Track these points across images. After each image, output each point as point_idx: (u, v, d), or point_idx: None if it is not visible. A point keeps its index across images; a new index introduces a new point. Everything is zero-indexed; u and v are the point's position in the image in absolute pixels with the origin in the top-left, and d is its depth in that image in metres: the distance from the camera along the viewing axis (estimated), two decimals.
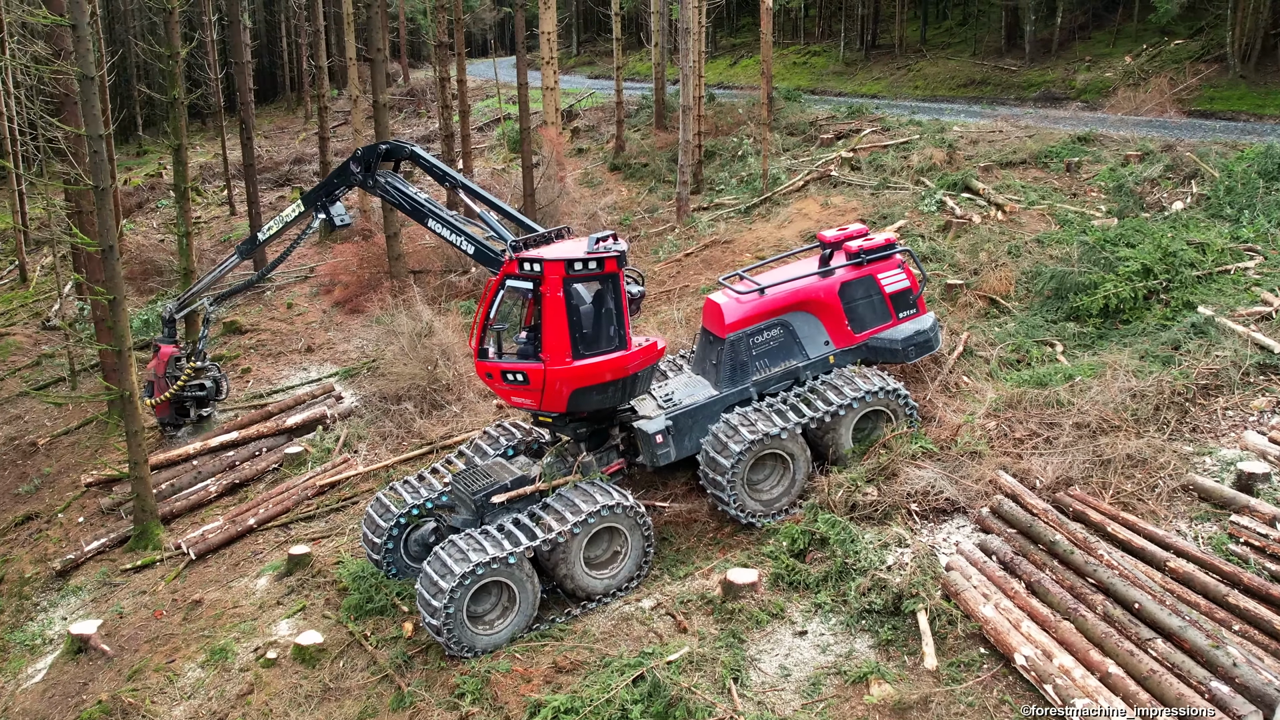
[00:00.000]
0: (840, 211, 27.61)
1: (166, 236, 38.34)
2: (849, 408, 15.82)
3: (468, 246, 16.29)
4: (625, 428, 16.29)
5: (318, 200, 18.77)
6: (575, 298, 14.65)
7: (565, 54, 76.61)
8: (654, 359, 15.48)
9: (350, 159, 18.08)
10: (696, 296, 23.99)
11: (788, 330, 16.51)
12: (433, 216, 16.77)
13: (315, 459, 20.97)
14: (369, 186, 17.77)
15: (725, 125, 37.70)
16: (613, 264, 14.64)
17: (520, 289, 14.77)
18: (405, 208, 17.26)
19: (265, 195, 42.60)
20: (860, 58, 51.56)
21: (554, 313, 14.52)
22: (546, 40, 28.47)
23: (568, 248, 14.99)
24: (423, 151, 17.91)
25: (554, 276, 14.43)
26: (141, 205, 43.67)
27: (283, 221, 19.86)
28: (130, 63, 65.71)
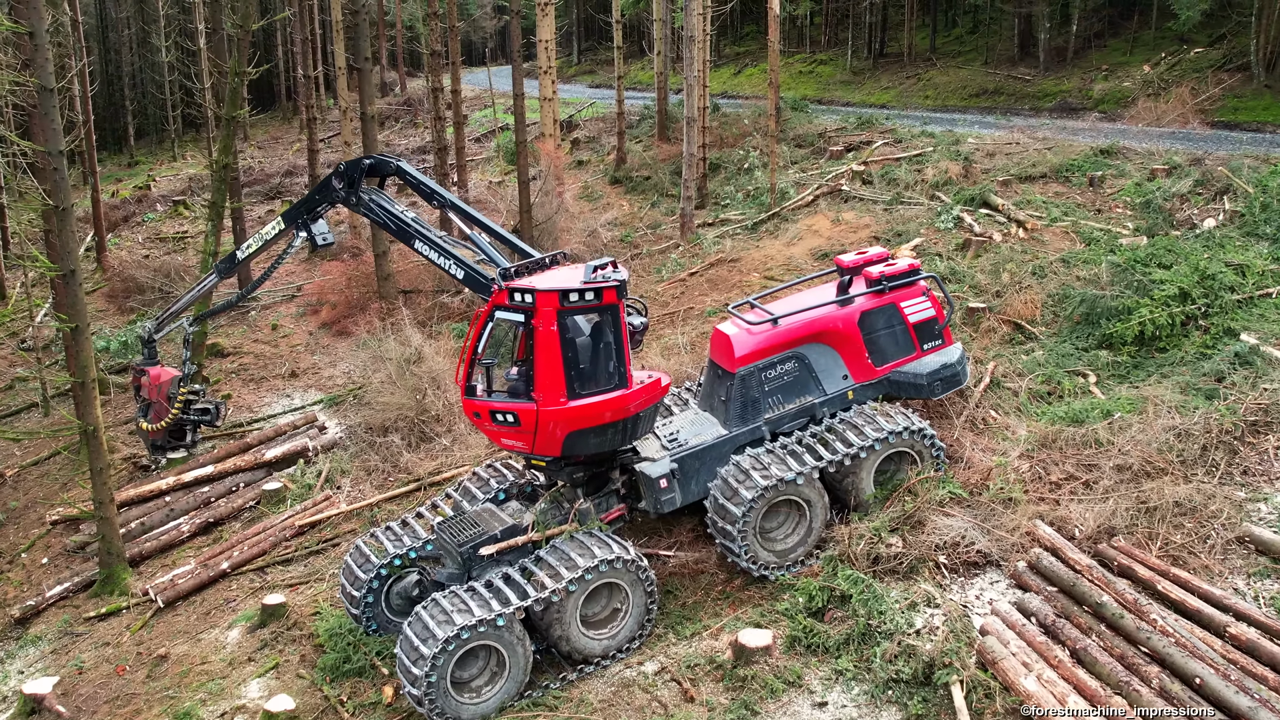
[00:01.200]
0: (852, 228, 26.32)
1: (151, 252, 37.10)
2: (871, 450, 14.51)
3: (457, 271, 14.93)
4: (626, 470, 14.96)
5: (299, 217, 17.43)
6: (570, 332, 13.34)
7: (565, 63, 75.48)
8: (658, 397, 14.16)
9: (333, 174, 16.76)
10: (702, 320, 22.69)
11: (803, 364, 15.19)
12: (419, 238, 15.47)
13: (295, 496, 19.65)
14: (352, 204, 16.46)
15: (730, 137, 36.43)
16: (612, 294, 13.34)
17: (510, 321, 13.48)
18: (390, 227, 15.96)
19: (255, 209, 41.42)
20: (868, 67, 50.32)
21: (547, 348, 13.22)
22: (544, 49, 27.18)
23: (563, 276, 13.68)
24: (409, 167, 16.59)
25: (547, 308, 13.14)
26: (128, 219, 42.42)
27: (263, 239, 18.45)
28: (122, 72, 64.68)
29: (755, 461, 14.32)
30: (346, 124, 29.41)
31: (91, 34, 70.12)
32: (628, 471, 14.92)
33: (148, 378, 19.77)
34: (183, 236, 39.22)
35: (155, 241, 39.10)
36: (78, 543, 19.40)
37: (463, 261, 15.00)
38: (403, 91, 66.07)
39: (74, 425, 18.98)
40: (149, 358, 20.08)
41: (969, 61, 46.10)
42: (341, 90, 29.91)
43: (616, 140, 37.77)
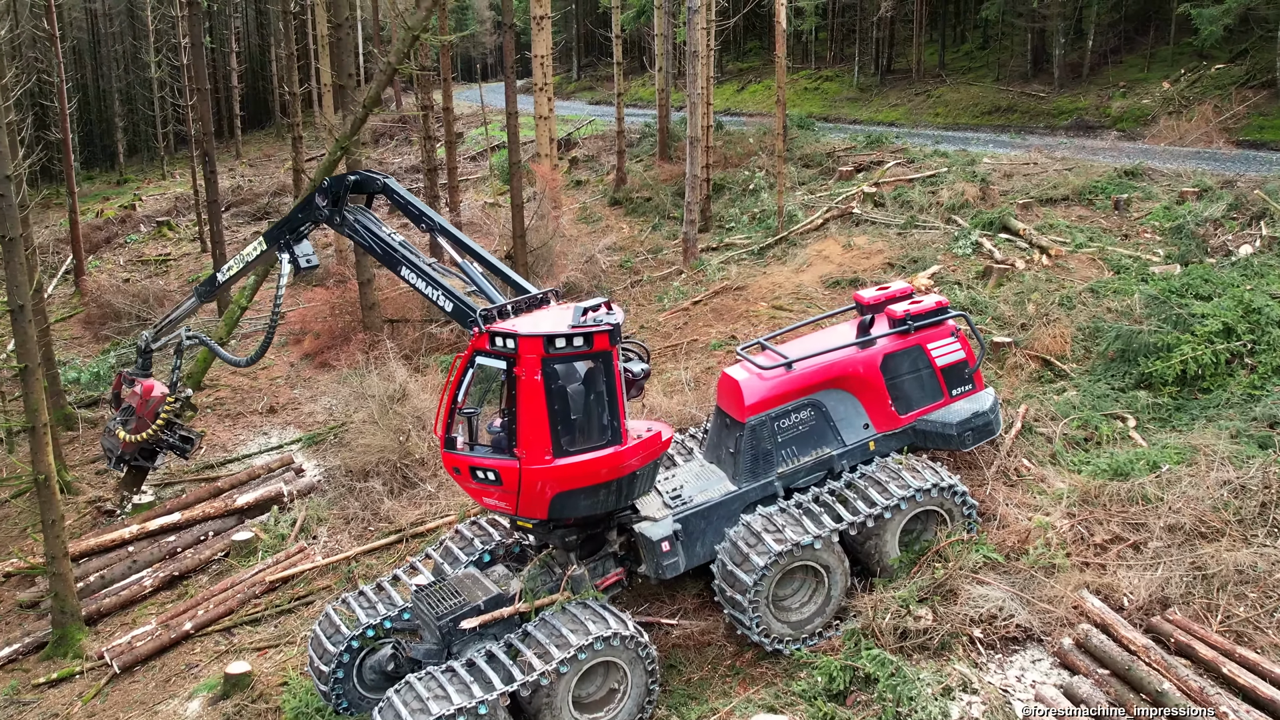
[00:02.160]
0: (864, 254, 24.91)
1: (132, 275, 35.70)
2: (896, 510, 13.06)
3: (445, 302, 13.59)
4: (624, 530, 13.48)
5: (281, 238, 16.02)
6: (557, 382, 11.88)
7: (565, 78, 74.24)
8: (657, 454, 12.68)
9: (316, 190, 15.37)
10: (706, 353, 21.26)
11: (820, 412, 13.75)
12: (406, 264, 14.05)
13: (267, 547, 18.17)
14: (336, 224, 15.01)
15: (735, 156, 35.05)
16: (603, 340, 11.89)
17: (492, 368, 12.06)
18: (375, 251, 14.56)
19: (241, 230, 40.09)
20: (875, 83, 48.97)
21: (530, 399, 11.79)
22: (540, 64, 25.77)
23: (551, 318, 12.24)
24: (398, 185, 15.16)
25: (530, 356, 11.72)
26: (110, 240, 41.00)
27: (244, 261, 17.03)
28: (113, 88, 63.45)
29: (768, 522, 12.89)
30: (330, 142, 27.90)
31: (85, 50, 69.07)
32: (626, 532, 13.45)
33: (139, 389, 18.40)
34: (165, 259, 37.81)
35: (137, 264, 37.70)
36: (28, 600, 17.91)
37: (451, 293, 13.64)
38: (398, 108, 64.75)
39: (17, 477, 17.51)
40: (142, 368, 18.65)
41: (980, 78, 44.75)
42: (327, 108, 28.52)
43: (616, 160, 36.39)
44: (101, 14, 64.04)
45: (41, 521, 16.53)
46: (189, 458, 19.31)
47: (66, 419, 24.03)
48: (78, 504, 20.90)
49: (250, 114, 68.15)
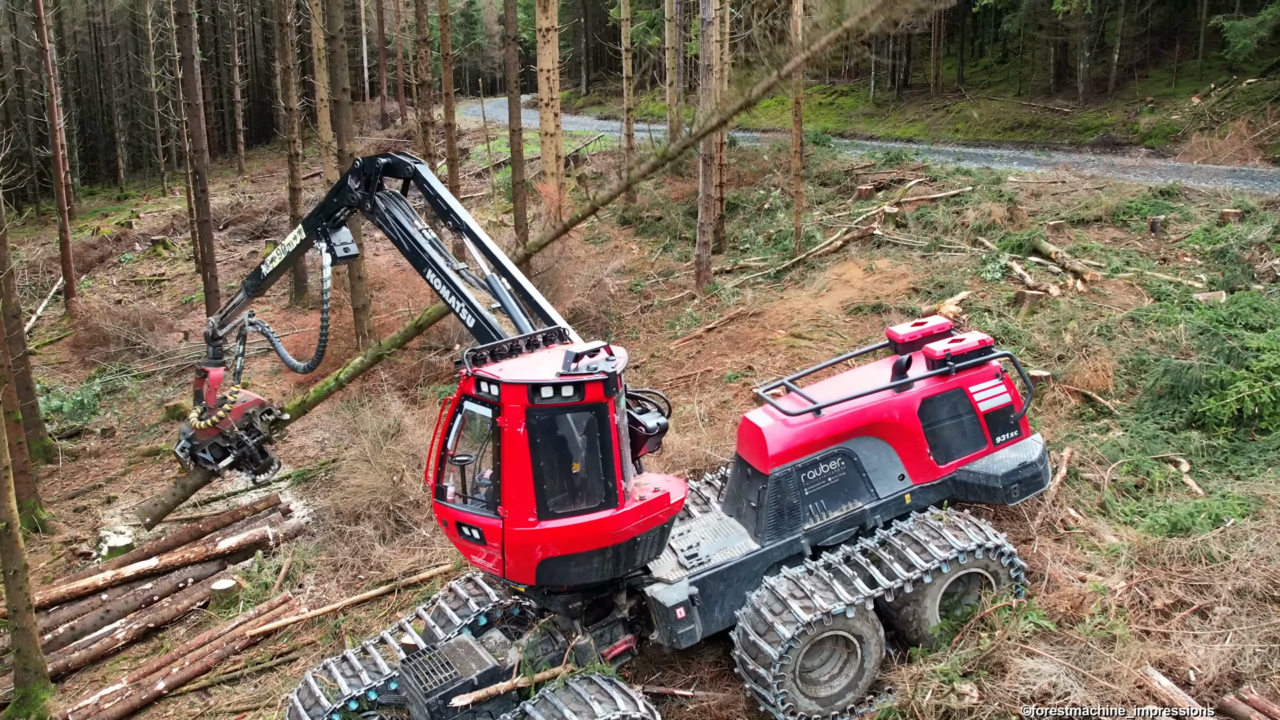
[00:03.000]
0: (887, 278, 23.61)
1: (125, 296, 34.50)
2: (937, 573, 11.72)
3: (467, 317, 12.67)
4: (635, 592, 12.17)
5: (318, 225, 14.99)
6: (543, 435, 10.57)
7: (574, 94, 73.17)
8: (664, 517, 11.29)
9: (349, 172, 14.32)
10: (721, 386, 19.95)
11: (851, 462, 12.44)
12: (432, 268, 13.11)
13: (249, 597, 16.87)
14: (367, 209, 14.06)
15: (749, 174, 33.78)
16: (596, 391, 10.51)
17: (479, 415, 10.78)
18: (403, 246, 13.58)
19: (238, 249, 38.94)
20: (892, 98, 47.73)
21: (514, 454, 10.50)
22: (546, 79, 24.56)
23: (545, 362, 10.93)
24: (429, 175, 14.02)
25: (513, 405, 10.43)
26: (104, 259, 39.82)
27: (285, 251, 16.14)
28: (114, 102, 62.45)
29: (794, 587, 11.59)
30: (327, 160, 26.79)
31: (89, 64, 68.16)
32: (636, 594, 12.14)
33: (208, 379, 17.64)
34: (159, 279, 36.61)
35: (130, 284, 36.50)
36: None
37: (475, 308, 12.59)
38: (404, 124, 63.65)
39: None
40: (213, 356, 17.96)
41: (1000, 93, 43.50)
42: (322, 124, 27.34)
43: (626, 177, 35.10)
44: (105, 27, 63.02)
45: (3, 572, 15.22)
46: (258, 479, 18.26)
47: (46, 451, 22.81)
48: (52, 544, 19.67)
49: (255, 129, 67.11)
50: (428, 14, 26.98)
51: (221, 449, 18.02)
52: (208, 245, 25.39)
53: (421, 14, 25.09)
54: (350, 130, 21.24)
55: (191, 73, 24.70)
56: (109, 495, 21.14)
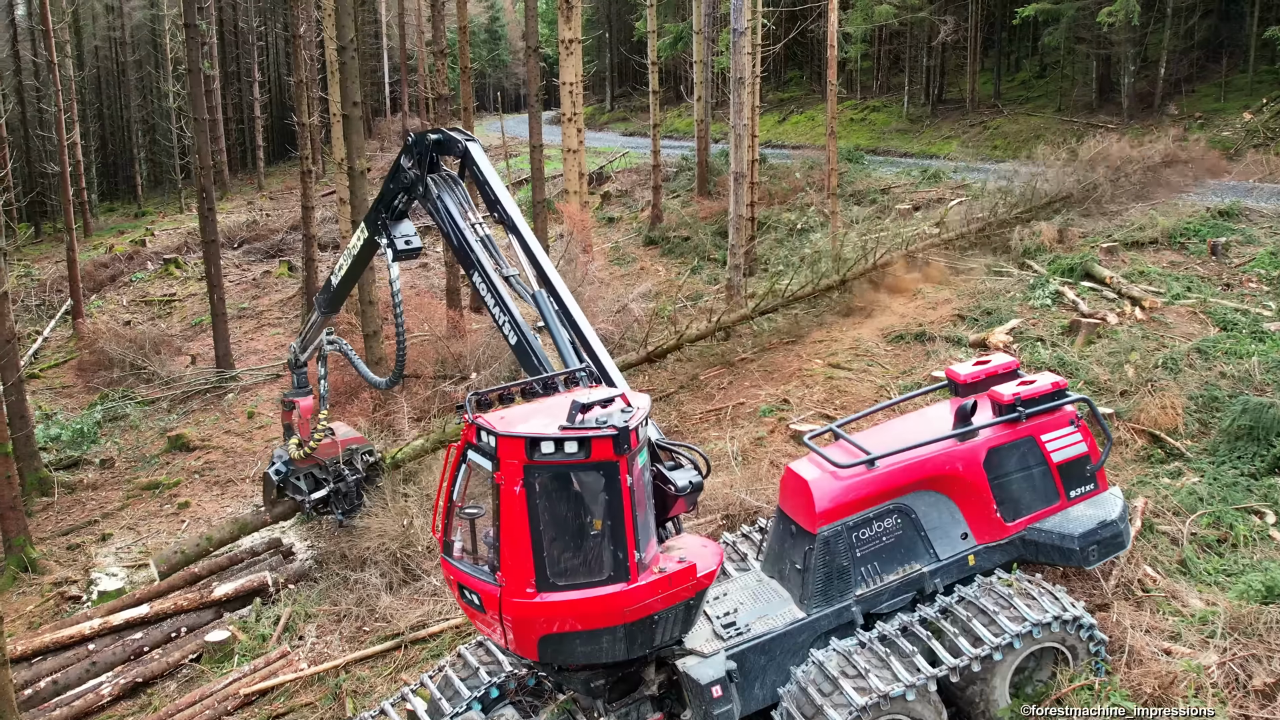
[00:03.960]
0: (930, 303, 22.24)
1: (134, 317, 33.42)
2: (1008, 649, 10.31)
3: (510, 333, 11.59)
4: (665, 665, 10.79)
5: (377, 218, 13.89)
6: (544, 496, 9.21)
7: (598, 109, 72.07)
8: (690, 593, 9.81)
9: (401, 151, 13.27)
10: (754, 420, 18.59)
11: (908, 519, 11.06)
12: (479, 270, 12.00)
13: (245, 650, 15.58)
14: (420, 193, 12.96)
15: (780, 193, 32.47)
16: (605, 448, 9.08)
17: (482, 467, 9.48)
18: (451, 240, 12.56)
19: (252, 268, 37.85)
20: (926, 114, 46.30)
21: (512, 515, 9.17)
22: (568, 92, 23.33)
23: (555, 413, 9.55)
24: (480, 155, 12.83)
25: (511, 461, 9.09)
26: (115, 279, 38.81)
27: (350, 255, 15.21)
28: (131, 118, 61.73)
29: (846, 663, 10.21)
30: (339, 178, 25.64)
31: (109, 80, 67.57)
32: (667, 668, 10.76)
33: (298, 410, 16.95)
34: (170, 299, 35.53)
35: (141, 305, 35.45)
36: None
37: (518, 324, 11.53)
38: None
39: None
40: (298, 385, 17.28)
41: (1039, 108, 42.02)
42: (336, 139, 26.21)
43: (651, 195, 33.86)
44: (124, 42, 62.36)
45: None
46: (344, 521, 17.18)
47: (41, 483, 21.69)
48: (42, 586, 18.51)
49: (275, 146, 66.25)
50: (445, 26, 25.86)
51: (316, 480, 17.16)
52: (215, 266, 24.29)
53: (439, 25, 23.99)
54: (361, 146, 20.07)
55: (199, 85, 23.67)
56: (104, 532, 19.98)
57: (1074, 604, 10.68)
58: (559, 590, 9.25)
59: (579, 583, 9.33)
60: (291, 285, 34.43)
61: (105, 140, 67.04)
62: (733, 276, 23.22)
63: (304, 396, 17.25)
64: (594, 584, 9.32)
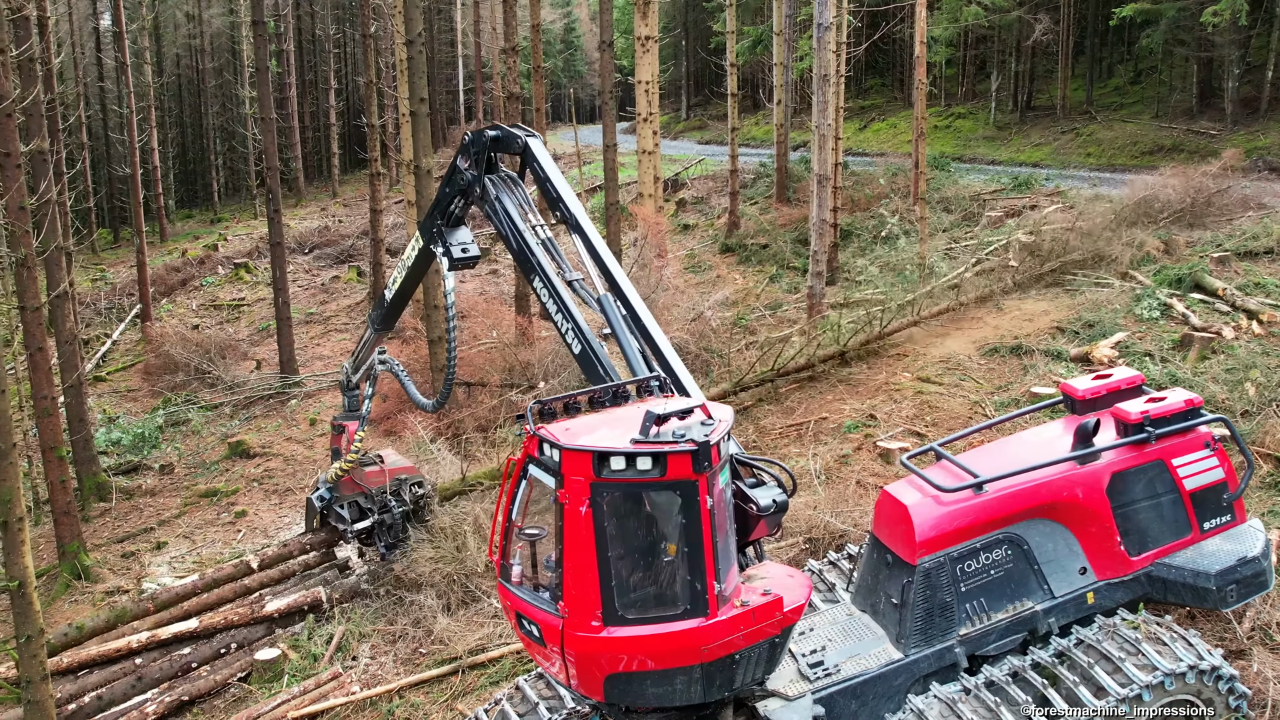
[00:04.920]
0: (1027, 315, 20.89)
1: (203, 321, 33.09)
2: (1136, 701, 9.03)
3: (574, 341, 10.67)
4: (744, 707, 9.67)
5: (432, 226, 13.11)
6: (612, 519, 8.16)
7: (674, 118, 71.16)
8: (775, 629, 8.67)
9: (458, 150, 12.43)
10: (838, 437, 17.41)
11: (1020, 551, 9.83)
12: (540, 275, 11.06)
13: (295, 670, 14.76)
14: (477, 195, 12.13)
15: (863, 199, 31.19)
16: (682, 466, 7.99)
17: (545, 484, 8.44)
18: (511, 244, 11.60)
19: (322, 273, 37.46)
20: (1014, 121, 44.66)
21: (577, 539, 8.11)
22: (644, 92, 22.33)
23: (627, 424, 8.48)
24: (541, 151, 11.92)
25: (576, 478, 8.04)
26: (186, 283, 38.72)
27: (404, 267, 14.40)
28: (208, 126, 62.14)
29: (949, 711, 9.06)
30: (406, 179, 24.88)
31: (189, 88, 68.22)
32: (746, 710, 9.64)
33: (346, 435, 16.05)
34: (239, 304, 35.23)
35: (210, 309, 35.20)
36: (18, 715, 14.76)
37: (583, 332, 10.57)
38: None
39: None
40: (349, 409, 16.56)
41: (1135, 114, 40.21)
42: (405, 139, 25.43)
43: (729, 201, 32.75)
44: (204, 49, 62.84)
45: (16, 636, 13.32)
46: (386, 555, 16.35)
47: (99, 488, 21.17)
48: (94, 594, 17.92)
49: (350, 153, 66.31)
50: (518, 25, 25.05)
51: (361, 510, 16.26)
52: (280, 268, 23.68)
53: (511, 23, 23.14)
54: (428, 144, 19.29)
55: (266, 84, 23.09)
56: (159, 540, 19.37)
57: (1211, 651, 9.37)
58: (629, 624, 8.18)
59: (651, 616, 8.26)
60: (359, 291, 33.94)
61: (185, 147, 67.65)
62: (814, 285, 22.02)
63: (354, 420, 16.49)
64: (668, 618, 8.24)
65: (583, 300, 11.09)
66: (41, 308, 17.83)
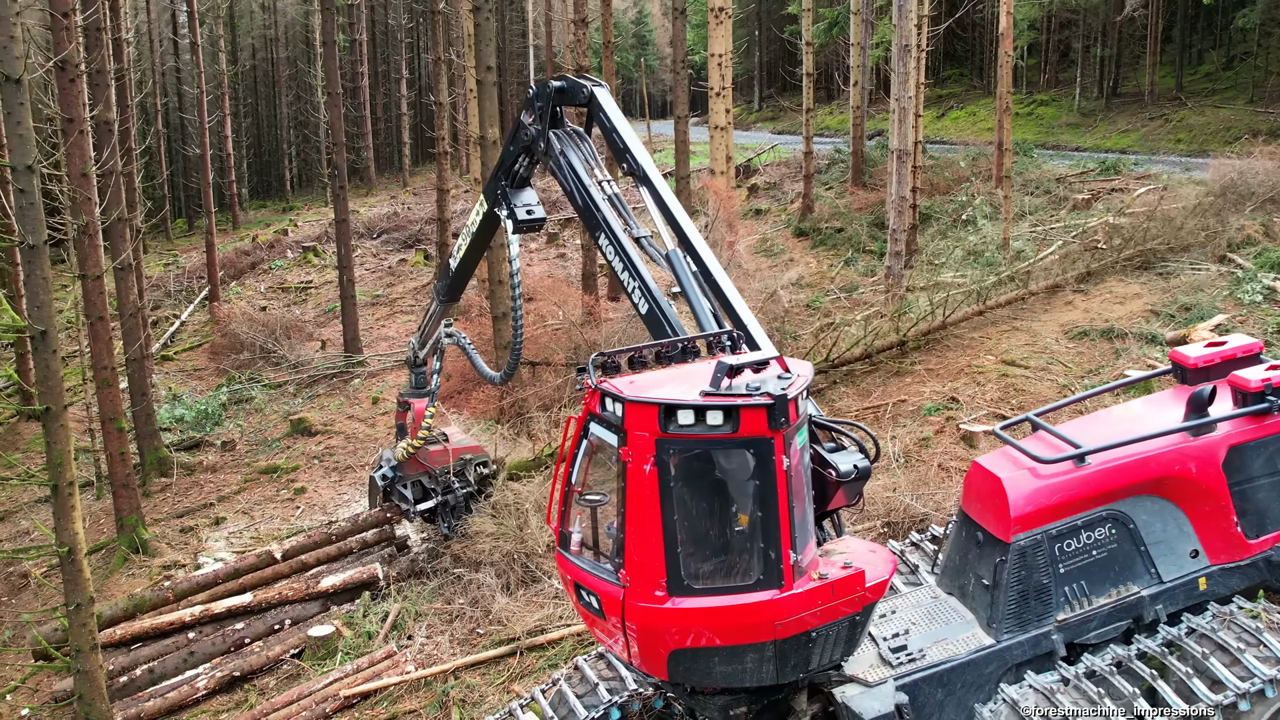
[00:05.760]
0: (1117, 298, 19.84)
1: (270, 303, 32.98)
2: (1258, 697, 8.16)
3: (640, 301, 9.98)
4: (819, 692, 8.92)
5: (497, 188, 12.57)
6: (679, 479, 7.45)
7: (745, 109, 70.29)
8: (856, 606, 7.93)
9: (523, 105, 11.88)
10: (918, 419, 16.56)
11: (1125, 530, 8.99)
12: (605, 231, 10.44)
13: (349, 647, 14.27)
14: (541, 150, 11.53)
15: (942, 183, 30.12)
16: (756, 421, 7.28)
17: (607, 443, 7.74)
18: (575, 200, 11.01)
19: (389, 257, 37.27)
20: (1099, 107, 43.23)
21: (640, 500, 7.41)
22: (717, 66, 21.53)
23: (696, 379, 7.74)
24: (607, 100, 11.32)
25: (640, 434, 7.35)
26: (255, 266, 38.79)
27: (469, 234, 13.87)
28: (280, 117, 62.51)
29: (1047, 703, 8.27)
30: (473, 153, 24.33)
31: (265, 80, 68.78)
32: (822, 696, 8.90)
33: (412, 413, 15.89)
34: (306, 286, 35.13)
35: (277, 291, 35.13)
36: (62, 693, 14.46)
37: (650, 291, 9.88)
38: None
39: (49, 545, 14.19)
40: (416, 386, 16.04)
41: (1228, 100, 38.63)
42: (472, 115, 24.89)
43: (802, 186, 31.83)
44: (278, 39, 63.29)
45: (66, 604, 12.98)
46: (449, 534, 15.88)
47: (160, 463, 20.96)
48: (150, 568, 17.61)
49: (422, 145, 66.41)
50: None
51: (424, 489, 15.75)
52: (345, 245, 23.33)
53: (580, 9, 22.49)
54: (495, 114, 18.73)
55: (333, 58, 22.78)
56: (218, 515, 19.05)
57: None
58: (695, 595, 7.49)
59: (720, 587, 7.57)
60: (426, 274, 33.66)
61: (259, 138, 68.18)
62: (892, 265, 21.11)
63: (421, 398, 15.96)
64: (739, 589, 7.53)
65: (650, 258, 10.44)
66: (102, 276, 17.57)
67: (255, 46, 67.12)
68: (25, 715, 14.76)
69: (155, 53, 47.12)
